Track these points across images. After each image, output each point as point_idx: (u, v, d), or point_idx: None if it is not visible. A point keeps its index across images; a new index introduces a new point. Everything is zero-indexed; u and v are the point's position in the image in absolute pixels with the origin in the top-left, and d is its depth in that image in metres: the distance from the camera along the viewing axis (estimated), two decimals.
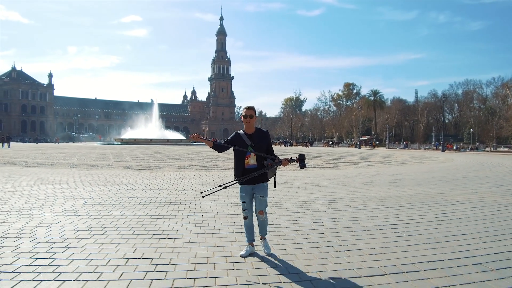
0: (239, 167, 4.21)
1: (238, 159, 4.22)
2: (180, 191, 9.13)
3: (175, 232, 5.26)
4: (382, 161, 24.40)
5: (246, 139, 4.20)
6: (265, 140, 4.26)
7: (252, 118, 4.25)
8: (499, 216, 6.58)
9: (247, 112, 4.23)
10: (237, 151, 4.15)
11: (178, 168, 16.05)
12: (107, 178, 11.97)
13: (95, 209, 6.86)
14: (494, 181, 12.04)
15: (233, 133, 4.35)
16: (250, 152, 4.15)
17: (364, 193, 9.06)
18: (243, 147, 4.15)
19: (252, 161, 4.16)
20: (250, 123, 4.24)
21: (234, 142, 4.20)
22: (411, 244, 4.78)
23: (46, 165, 17.06)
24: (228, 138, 4.30)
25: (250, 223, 4.30)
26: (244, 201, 4.22)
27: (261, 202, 4.20)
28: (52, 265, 3.87)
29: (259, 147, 4.19)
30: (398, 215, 6.54)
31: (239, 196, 4.29)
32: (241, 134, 4.26)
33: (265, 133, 4.32)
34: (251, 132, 4.26)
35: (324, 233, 5.29)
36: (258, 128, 4.36)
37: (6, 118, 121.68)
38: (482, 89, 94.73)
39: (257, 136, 4.24)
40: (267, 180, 4.22)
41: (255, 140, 4.20)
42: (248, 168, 4.16)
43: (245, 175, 4.10)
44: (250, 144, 4.17)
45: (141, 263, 3.96)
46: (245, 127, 4.29)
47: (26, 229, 5.35)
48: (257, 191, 4.19)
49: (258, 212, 4.24)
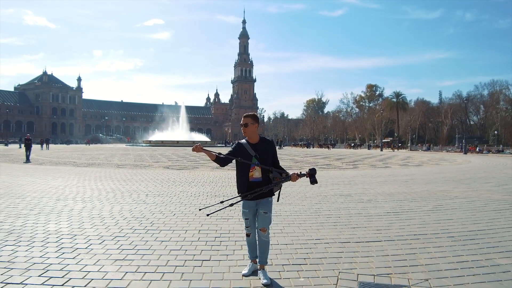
0: (243, 181, 3.84)
1: (241, 172, 3.85)
2: (220, 187, 10.88)
3: (227, 214, 6.97)
4: (400, 163, 25.62)
5: (250, 149, 3.82)
6: (271, 150, 3.92)
7: (247, 127, 3.83)
8: (486, 208, 8.02)
9: (243, 121, 3.86)
10: (240, 163, 3.82)
11: (212, 168, 17.86)
12: (154, 176, 13.88)
13: (157, 199, 8.67)
14: (497, 181, 13.31)
15: (235, 143, 4.02)
16: (255, 164, 3.79)
17: (377, 190, 10.59)
18: (246, 158, 3.78)
19: (257, 174, 3.79)
20: (247, 132, 3.85)
21: (237, 153, 3.85)
22: (405, 225, 6.34)
23: (94, 165, 19.23)
24: (231, 150, 3.93)
25: (253, 240, 4.00)
26: (247, 217, 3.88)
27: (265, 219, 3.82)
28: (148, 233, 5.64)
29: (265, 158, 3.83)
30: (401, 206, 8.08)
31: (242, 213, 3.94)
32: (243, 144, 3.87)
33: (270, 143, 3.95)
34: (255, 141, 3.89)
35: (340, 217, 6.91)
36: (263, 137, 4.00)
37: (38, 120, 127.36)
38: (509, 90, 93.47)
39: (262, 146, 3.88)
40: (272, 195, 3.91)
41: (260, 151, 3.84)
42: (252, 182, 3.80)
43: (252, 191, 3.74)
44: (254, 155, 3.80)
45: (210, 232, 5.68)
46: (247, 137, 3.91)
47: (114, 212, 7.18)
48: (261, 207, 3.82)
49: (261, 229, 3.83)
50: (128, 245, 5.00)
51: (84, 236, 5.41)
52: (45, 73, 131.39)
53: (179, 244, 5.05)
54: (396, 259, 4.50)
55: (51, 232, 5.64)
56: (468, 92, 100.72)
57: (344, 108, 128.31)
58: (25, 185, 10.94)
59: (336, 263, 4.32)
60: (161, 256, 4.53)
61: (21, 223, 6.21)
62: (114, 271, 4.02)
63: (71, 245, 4.95)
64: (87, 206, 7.77)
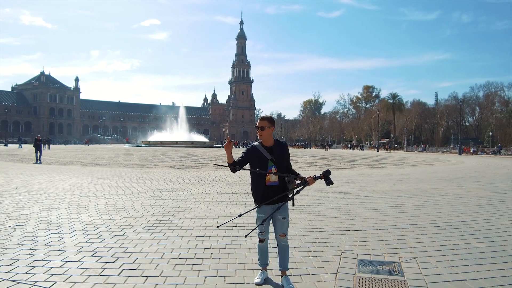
0: (259, 185, 3.74)
1: (257, 176, 3.74)
2: (227, 185, 11.66)
3: (239, 207, 7.76)
4: (396, 163, 26.49)
5: (265, 153, 3.74)
6: (285, 153, 3.86)
7: (264, 130, 3.77)
8: (472, 203, 8.84)
9: (259, 124, 3.79)
10: (256, 167, 3.72)
11: (216, 168, 18.64)
12: (162, 175, 14.65)
13: (172, 196, 9.44)
14: (487, 180, 14.18)
15: (248, 146, 3.92)
16: (272, 167, 3.72)
17: (373, 188, 11.40)
18: (262, 162, 3.71)
19: (273, 178, 3.72)
20: (263, 136, 3.79)
21: (250, 157, 3.78)
22: (398, 217, 7.15)
23: (102, 165, 19.96)
24: (242, 155, 3.81)
25: (266, 246, 3.92)
26: (262, 222, 3.71)
27: (283, 224, 3.78)
28: (173, 223, 6.42)
29: (281, 161, 3.77)
30: (395, 201, 8.90)
31: (256, 218, 3.81)
32: (257, 147, 3.79)
33: (285, 146, 3.91)
34: (269, 144, 3.81)
35: (340, 210, 7.71)
36: (277, 139, 3.90)
37: (36, 120, 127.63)
38: (504, 92, 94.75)
39: (278, 149, 3.81)
40: (289, 199, 3.78)
41: (276, 154, 3.76)
42: (269, 186, 3.72)
43: (269, 196, 3.69)
44: (270, 158, 3.72)
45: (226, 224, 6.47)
46: (261, 140, 3.84)
47: (136, 206, 7.95)
48: (279, 212, 3.72)
49: (280, 235, 3.79)
50: (158, 232, 5.79)
51: (117, 226, 6.18)
52: (43, 73, 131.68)
53: (202, 232, 5.84)
54: (389, 243, 5.31)
55: (86, 222, 6.41)
56: (464, 93, 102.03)
57: (341, 109, 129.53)
58: (43, 183, 11.67)
59: (339, 246, 5.12)
60: (189, 241, 5.31)
61: (56, 215, 6.97)
62: (153, 252, 4.80)
63: (109, 233, 5.72)
64: (110, 201, 8.53)
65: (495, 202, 8.98)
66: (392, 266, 4.32)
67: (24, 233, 5.65)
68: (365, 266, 4.31)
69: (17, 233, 5.67)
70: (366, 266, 4.31)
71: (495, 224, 6.67)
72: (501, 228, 6.36)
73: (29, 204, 8.11)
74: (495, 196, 10.08)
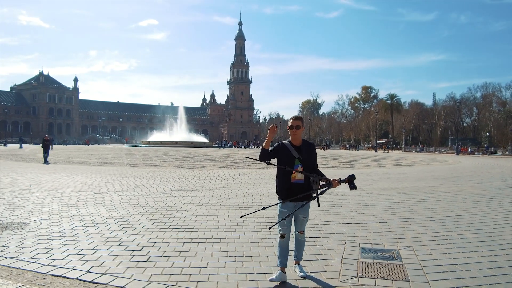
0: (285, 181, 3.86)
1: (284, 173, 3.87)
2: (233, 183, 12.15)
3: (247, 203, 8.24)
4: (394, 163, 27.04)
5: (293, 151, 3.86)
6: (313, 153, 3.98)
7: (299, 129, 3.90)
8: (466, 199, 9.35)
9: (294, 123, 3.91)
10: (283, 164, 3.84)
11: (219, 167, 19.14)
12: (168, 174, 15.13)
13: (182, 193, 9.92)
14: (481, 179, 14.71)
15: (277, 143, 4.04)
16: (298, 166, 3.83)
17: (372, 186, 11.91)
18: (289, 159, 3.83)
19: (299, 176, 3.82)
20: (297, 134, 3.92)
21: (278, 153, 3.91)
22: (396, 212, 7.65)
23: (107, 164, 20.43)
24: (273, 148, 3.93)
25: (287, 243, 3.93)
26: (285, 218, 3.81)
27: (303, 223, 3.96)
28: (187, 217, 6.90)
29: (308, 161, 3.89)
30: (393, 198, 9.40)
31: (279, 212, 3.92)
32: (286, 145, 3.91)
33: (312, 146, 4.02)
34: (298, 143, 3.93)
35: (342, 206, 8.20)
36: (305, 140, 4.02)
37: (35, 121, 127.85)
38: (501, 92, 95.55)
39: (306, 149, 3.92)
40: (313, 199, 3.90)
41: (304, 153, 3.88)
42: (294, 183, 3.84)
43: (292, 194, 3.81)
44: (298, 157, 3.84)
45: (237, 216, 6.94)
46: (291, 138, 3.97)
47: (150, 202, 8.42)
48: (300, 211, 3.85)
49: (299, 232, 3.99)
50: (175, 225, 6.26)
51: (136, 219, 6.65)
52: (42, 73, 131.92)
53: (216, 225, 6.32)
54: (388, 234, 5.80)
55: (106, 217, 6.88)
56: (462, 94, 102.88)
57: (339, 109, 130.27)
58: (55, 181, 12.13)
59: (342, 236, 5.61)
60: (205, 233, 5.79)
61: (76, 210, 7.43)
62: (174, 241, 5.28)
63: (129, 226, 6.20)
64: (124, 198, 9.00)
65: (488, 199, 9.49)
66: (392, 253, 4.80)
67: (50, 226, 6.11)
68: (367, 253, 4.80)
69: (44, 226, 6.13)
70: (368, 253, 4.80)
71: (486, 218, 7.17)
72: (492, 221, 6.87)
73: (47, 200, 8.56)
74: (489, 193, 10.60)
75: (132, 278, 3.92)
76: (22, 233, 5.67)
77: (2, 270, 4.13)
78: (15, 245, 4.99)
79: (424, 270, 4.19)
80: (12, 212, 7.20)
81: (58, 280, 3.88)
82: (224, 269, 4.24)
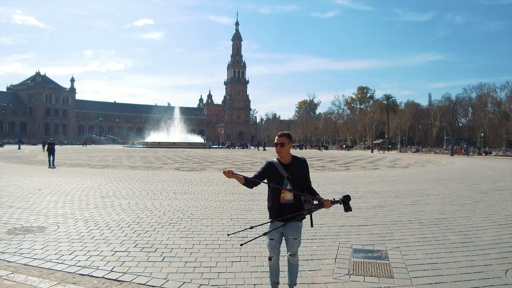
0: (274, 202, 3.72)
1: (272, 193, 3.73)
2: (233, 186, 12.69)
3: (248, 207, 8.80)
4: (388, 164, 27.68)
5: (281, 169, 3.69)
6: (304, 171, 3.77)
7: (283, 147, 3.69)
8: (454, 202, 9.94)
9: (278, 140, 3.72)
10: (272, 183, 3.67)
11: (219, 170, 19.68)
12: (170, 177, 15.66)
13: (186, 196, 10.45)
14: (471, 182, 15.34)
15: (266, 162, 3.83)
16: (287, 185, 3.66)
17: (366, 189, 12.49)
18: (278, 179, 3.66)
19: (288, 196, 3.67)
20: (282, 152, 3.71)
21: (267, 173, 3.73)
22: (387, 215, 8.23)
23: (109, 167, 20.93)
24: (260, 170, 3.80)
25: (275, 264, 3.79)
26: (272, 238, 3.68)
27: (294, 244, 3.69)
28: (194, 220, 7.44)
29: (298, 179, 3.70)
30: (385, 201, 9.98)
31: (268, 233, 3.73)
32: (275, 164, 3.74)
33: (303, 163, 3.79)
34: (287, 161, 3.75)
35: (336, 209, 8.67)
36: (295, 156, 3.82)
37: (31, 121, 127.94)
38: (496, 93, 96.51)
39: (295, 167, 3.73)
40: (303, 218, 3.77)
41: (293, 172, 3.69)
42: (284, 204, 3.68)
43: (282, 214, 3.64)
44: (286, 176, 3.67)
45: (240, 220, 7.48)
46: (279, 156, 3.78)
47: (156, 206, 8.96)
48: (290, 232, 3.66)
49: (290, 254, 3.71)
50: (183, 228, 6.81)
51: (146, 223, 7.19)
52: (38, 73, 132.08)
53: (221, 228, 6.87)
54: (378, 236, 6.37)
55: (118, 220, 7.41)
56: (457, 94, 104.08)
57: (335, 109, 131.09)
58: (62, 185, 12.64)
59: (337, 238, 6.18)
60: (212, 235, 6.34)
61: (88, 214, 7.95)
62: (184, 243, 5.82)
63: (141, 229, 6.73)
64: (131, 202, 9.53)
65: (474, 202, 10.09)
66: (380, 253, 5.37)
67: (68, 230, 6.63)
68: (358, 253, 5.37)
69: (62, 229, 6.65)
70: (359, 253, 5.37)
71: (470, 220, 7.76)
72: (475, 224, 7.45)
73: (59, 204, 9.08)
74: (476, 196, 11.19)
75: (151, 276, 4.46)
76: (43, 236, 6.19)
77: (34, 270, 4.66)
78: (40, 248, 5.53)
79: (408, 268, 4.76)
80: (29, 216, 7.72)
81: (86, 279, 4.41)
82: (231, 268, 4.79)
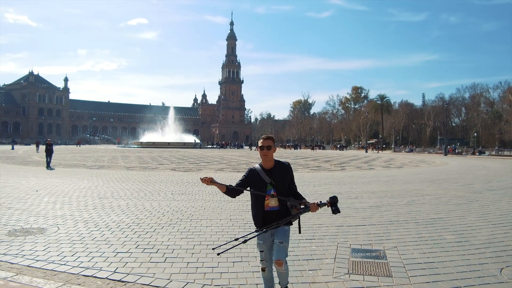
0: (258, 210, 3.59)
1: (256, 200, 3.60)
2: None
3: (246, 207, 8.87)
4: (383, 164, 27.89)
5: (264, 175, 3.57)
6: (287, 175, 3.64)
7: (270, 150, 3.58)
8: (449, 202, 10.09)
9: (264, 143, 3.57)
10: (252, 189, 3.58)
11: (215, 170, 19.74)
12: (167, 178, 15.70)
13: (183, 197, 10.51)
14: (465, 182, 15.54)
15: (248, 169, 3.71)
16: (271, 191, 3.54)
17: (362, 189, 12.62)
18: (261, 185, 3.54)
19: (273, 202, 3.56)
20: (268, 155, 3.59)
21: (250, 180, 3.62)
22: (384, 215, 8.34)
23: (105, 168, 20.90)
24: (242, 177, 3.67)
25: (269, 275, 3.71)
26: (262, 250, 3.60)
27: (280, 250, 3.46)
28: (193, 221, 7.51)
29: (281, 185, 3.57)
30: (381, 201, 10.11)
31: (256, 244, 3.68)
32: (257, 170, 3.62)
33: (286, 167, 3.67)
34: (269, 166, 3.62)
35: None
36: (278, 160, 3.69)
37: (24, 121, 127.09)
38: (489, 93, 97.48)
39: (278, 171, 3.60)
40: (290, 224, 3.65)
41: (276, 177, 3.57)
42: (268, 211, 3.56)
43: (268, 222, 3.51)
44: (269, 182, 3.55)
45: (239, 220, 7.56)
46: (262, 161, 3.65)
47: (155, 207, 9.01)
48: (276, 236, 3.50)
49: (276, 261, 3.47)
50: (183, 229, 6.88)
51: (146, 224, 7.24)
52: (32, 73, 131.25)
53: (220, 228, 6.95)
54: (376, 236, 6.48)
55: (118, 221, 7.45)
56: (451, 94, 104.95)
57: (330, 109, 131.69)
58: (59, 186, 12.63)
59: (335, 238, 6.28)
60: (212, 236, 6.42)
61: (87, 216, 7.99)
62: (185, 244, 5.89)
63: (141, 230, 6.79)
64: (130, 203, 9.57)
65: (469, 202, 10.24)
66: (378, 253, 5.48)
67: (68, 231, 6.67)
68: (357, 253, 5.47)
69: (62, 231, 6.69)
70: (358, 253, 5.47)
71: (465, 220, 7.90)
72: (470, 223, 7.59)
73: (57, 205, 9.10)
74: (471, 196, 11.36)
75: (154, 277, 4.53)
76: (44, 237, 6.23)
77: (37, 271, 4.71)
78: (41, 249, 5.57)
79: (405, 268, 4.87)
80: (28, 217, 7.74)
81: (90, 279, 4.47)
82: (233, 268, 4.87)
